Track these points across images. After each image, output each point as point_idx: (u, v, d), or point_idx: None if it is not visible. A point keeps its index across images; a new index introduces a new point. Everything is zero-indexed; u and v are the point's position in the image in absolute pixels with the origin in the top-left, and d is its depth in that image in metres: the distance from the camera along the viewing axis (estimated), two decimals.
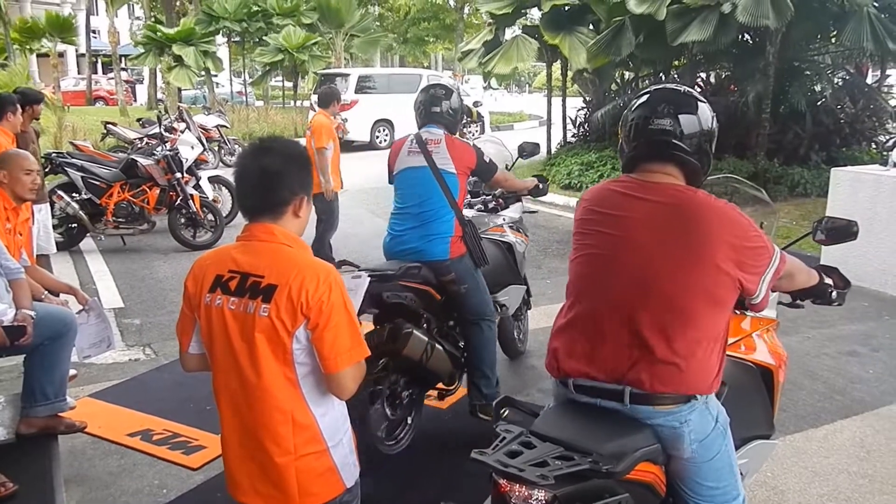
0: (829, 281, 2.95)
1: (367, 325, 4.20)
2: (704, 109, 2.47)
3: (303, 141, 15.86)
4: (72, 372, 4.67)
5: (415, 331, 4.09)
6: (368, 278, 2.66)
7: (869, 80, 14.16)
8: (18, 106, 6.68)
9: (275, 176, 2.30)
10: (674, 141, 2.41)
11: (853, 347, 6.10)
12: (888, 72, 14.81)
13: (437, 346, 4.24)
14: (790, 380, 5.40)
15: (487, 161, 4.61)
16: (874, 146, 12.97)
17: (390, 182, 4.69)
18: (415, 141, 4.49)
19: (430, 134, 4.49)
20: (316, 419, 2.30)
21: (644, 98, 2.52)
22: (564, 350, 2.51)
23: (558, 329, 2.58)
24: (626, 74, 15.82)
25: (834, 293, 2.98)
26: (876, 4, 10.80)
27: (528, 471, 2.12)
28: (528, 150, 5.70)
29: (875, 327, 6.59)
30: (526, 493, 2.14)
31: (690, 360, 2.33)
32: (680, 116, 2.41)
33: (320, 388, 2.30)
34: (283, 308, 2.19)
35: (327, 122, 8.35)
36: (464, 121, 9.23)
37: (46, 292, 4.55)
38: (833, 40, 12.52)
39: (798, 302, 3.24)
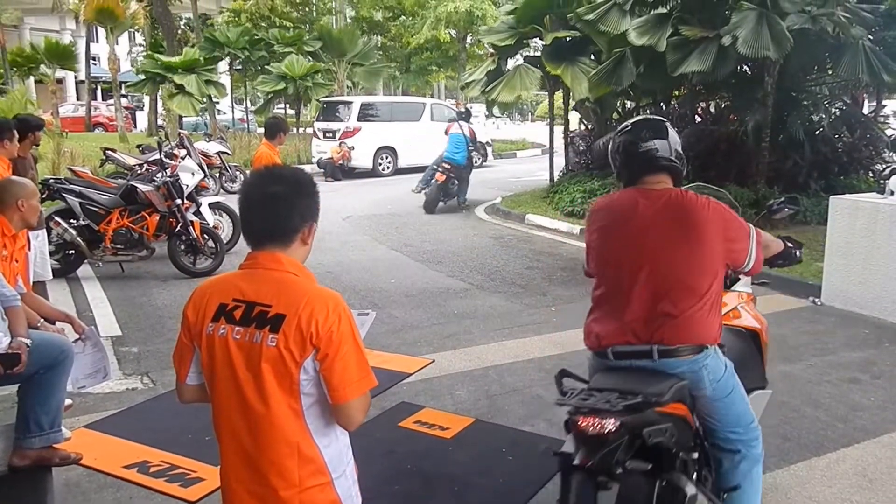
0: (790, 245, 3.77)
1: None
2: (672, 131, 3.24)
3: (308, 168, 15.97)
4: (67, 402, 4.63)
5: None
6: (374, 314, 2.63)
7: (865, 111, 14.24)
8: (15, 132, 6.64)
9: (285, 203, 2.28)
10: (658, 155, 3.15)
11: (854, 375, 6.06)
12: (884, 102, 14.90)
13: None
14: (792, 408, 5.38)
15: None
16: (872, 175, 13.05)
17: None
18: None
19: None
20: (320, 451, 2.26)
21: (628, 129, 3.26)
22: (601, 329, 3.17)
23: (590, 313, 3.29)
24: (628, 103, 15.88)
25: (797, 252, 3.84)
26: (871, 38, 10.91)
27: (600, 405, 2.74)
28: None
29: (876, 354, 6.55)
30: (599, 423, 2.69)
31: (698, 318, 3.03)
32: (656, 140, 3.16)
33: (324, 419, 2.27)
34: (292, 338, 2.16)
35: (268, 152, 8.50)
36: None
37: (42, 320, 4.51)
38: (830, 72, 12.60)
39: (763, 281, 4.44)
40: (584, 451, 2.73)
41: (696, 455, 3.20)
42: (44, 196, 8.98)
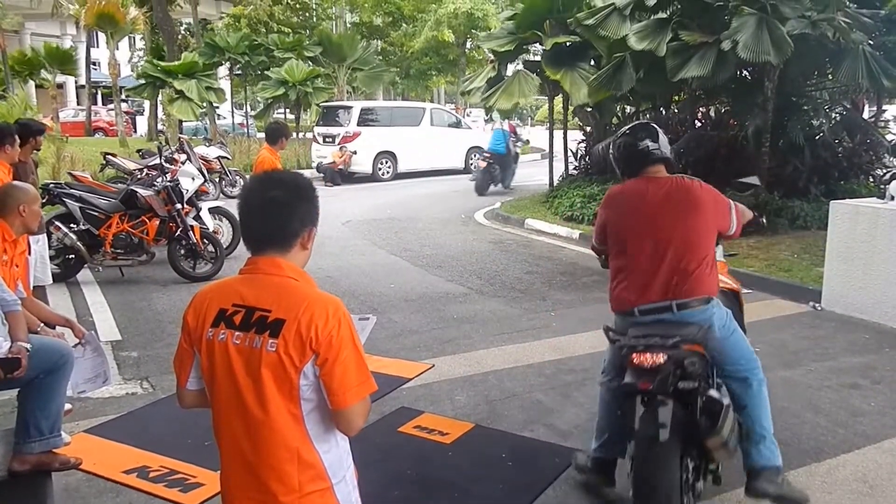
0: (757, 214, 4.58)
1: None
2: (661, 133, 4.03)
3: (307, 173, 16.02)
4: (67, 406, 4.62)
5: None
6: (375, 319, 2.64)
7: (865, 115, 14.24)
8: (17, 137, 6.63)
9: (285, 208, 2.29)
10: (655, 151, 3.94)
11: (855, 380, 6.05)
12: (884, 107, 14.90)
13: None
14: (793, 413, 5.37)
15: None
16: (872, 180, 13.05)
17: None
18: None
19: None
20: (320, 456, 2.26)
21: (627, 133, 4.08)
22: (627, 294, 3.88)
23: (615, 283, 3.98)
24: (627, 108, 15.89)
25: (763, 220, 5.00)
26: (871, 43, 10.90)
27: (652, 343, 3.60)
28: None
29: (876, 359, 6.54)
30: (653, 357, 3.55)
31: (704, 276, 3.80)
32: (650, 140, 3.94)
33: (324, 424, 2.26)
34: (292, 343, 2.15)
35: (269, 157, 8.49)
36: None
37: (42, 325, 4.51)
38: (830, 76, 12.59)
39: (733, 253, 5.43)
40: (644, 379, 3.57)
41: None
42: (44, 201, 8.96)
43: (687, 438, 3.68)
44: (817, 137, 12.51)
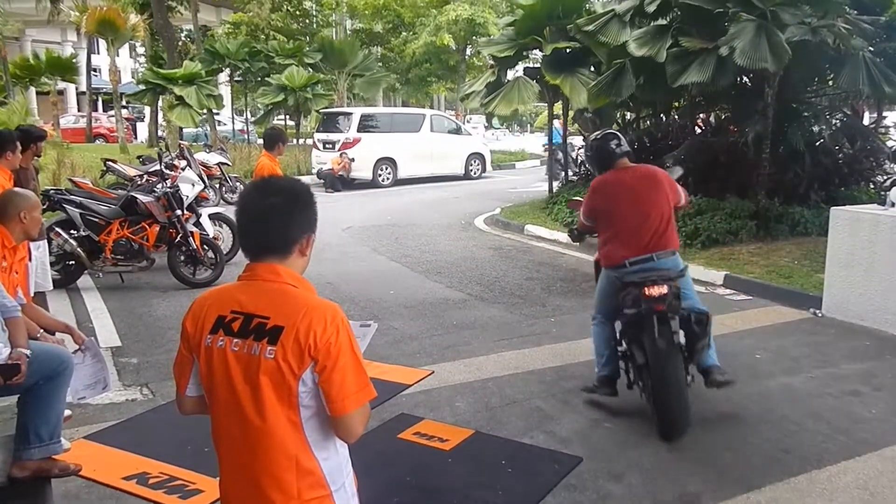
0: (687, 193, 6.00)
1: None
2: (622, 136, 5.69)
3: (307, 179, 16.11)
4: (66, 413, 4.62)
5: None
6: (376, 326, 2.64)
7: (866, 122, 14.24)
8: (18, 144, 6.64)
9: (283, 214, 2.28)
10: (624, 150, 5.54)
11: (855, 387, 6.04)
12: (884, 113, 14.91)
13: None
14: (793, 420, 5.37)
15: None
16: (872, 186, 13.03)
17: None
18: None
19: None
20: (319, 463, 2.25)
21: (598, 137, 5.72)
22: (620, 251, 5.33)
23: (607, 246, 5.46)
24: (627, 114, 15.90)
25: (691, 198, 7.12)
26: (871, 49, 10.90)
27: (658, 277, 5.07)
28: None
29: (877, 366, 6.53)
30: (660, 287, 4.99)
31: (671, 233, 5.36)
32: (614, 142, 5.56)
33: (323, 431, 2.25)
34: (290, 350, 2.14)
35: (269, 163, 8.50)
36: None
37: (42, 331, 4.51)
38: (830, 83, 12.60)
39: None
40: (657, 303, 5.03)
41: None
42: (45, 207, 8.97)
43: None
44: (818, 144, 12.49)
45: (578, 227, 6.09)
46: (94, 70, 42.12)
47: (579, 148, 16.81)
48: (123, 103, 32.03)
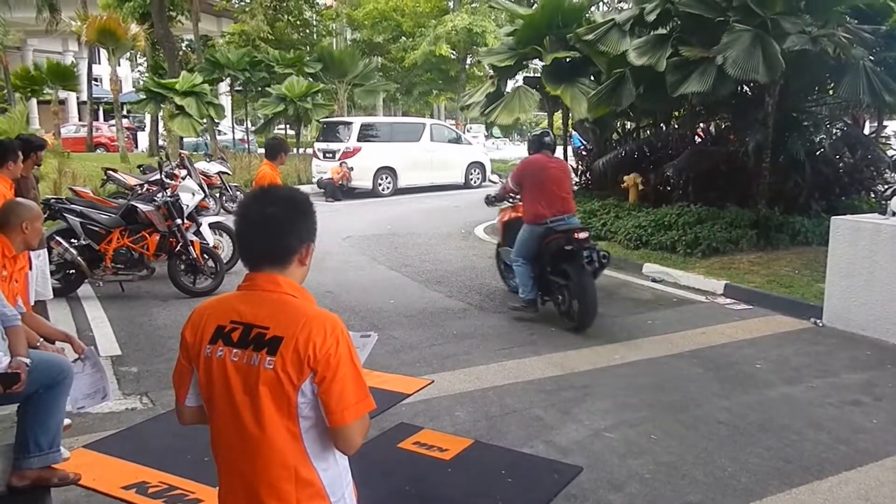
0: None
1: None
2: (551, 134, 8.75)
3: (308, 188, 16.15)
4: (66, 422, 4.61)
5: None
6: (376, 337, 2.64)
7: (866, 131, 14.25)
8: (20, 153, 6.65)
9: (282, 224, 2.27)
10: (550, 144, 8.45)
11: (856, 397, 6.03)
12: (885, 123, 14.90)
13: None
14: (794, 430, 5.36)
15: None
16: (873, 195, 13.03)
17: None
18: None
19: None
20: (318, 474, 2.24)
21: (538, 134, 8.53)
22: (544, 212, 7.88)
23: (534, 208, 7.96)
24: (628, 124, 15.91)
25: None
26: (871, 58, 10.91)
27: (581, 226, 8.27)
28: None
29: (878, 376, 6.52)
30: (584, 233, 7.89)
31: (572, 200, 8.27)
32: (547, 137, 8.43)
33: (322, 442, 2.24)
34: (290, 361, 2.14)
35: (270, 173, 8.50)
36: None
37: (42, 340, 4.51)
38: (830, 92, 12.61)
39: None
40: (584, 243, 7.72)
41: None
42: (45, 216, 8.97)
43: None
44: (818, 153, 12.52)
45: (501, 193, 9.20)
46: (96, 80, 42.22)
47: (581, 150, 16.80)
48: (124, 113, 32.07)
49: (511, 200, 9.09)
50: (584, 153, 18.28)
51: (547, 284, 8.18)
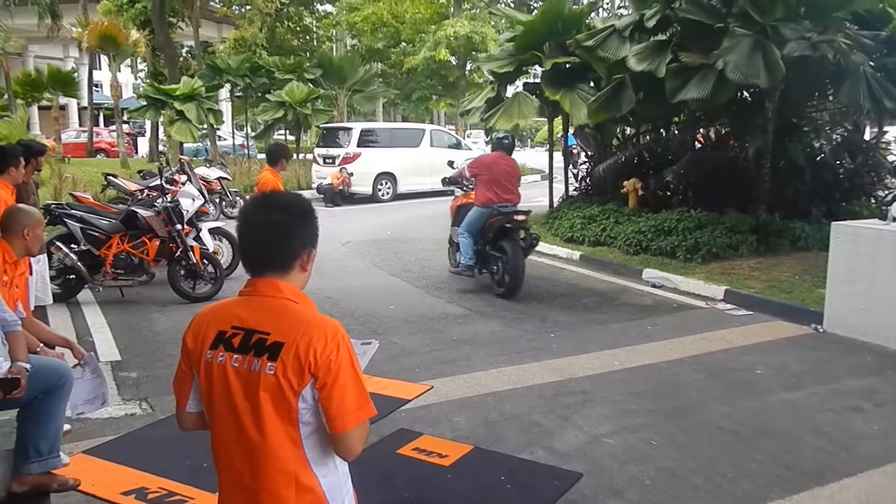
0: None
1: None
2: (513, 138, 11.12)
3: (308, 194, 16.24)
4: (66, 427, 4.60)
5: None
6: (377, 344, 2.64)
7: (867, 136, 14.24)
8: (21, 159, 6.67)
9: (284, 229, 2.27)
10: (508, 146, 10.52)
11: (857, 403, 6.02)
12: (885, 128, 14.88)
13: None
14: (795, 436, 5.35)
15: None
16: (874, 201, 13.00)
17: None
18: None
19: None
20: (318, 480, 2.23)
21: (500, 137, 10.73)
22: (492, 198, 9.81)
23: (487, 194, 9.85)
24: (627, 129, 15.90)
25: None
26: (872, 64, 10.91)
27: (522, 210, 10.00)
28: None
29: (879, 382, 6.51)
30: (522, 216, 9.85)
31: (518, 194, 10.22)
32: (506, 140, 10.60)
33: (322, 448, 2.23)
34: (290, 366, 2.13)
35: (272, 178, 8.51)
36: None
37: (42, 345, 4.51)
38: (831, 98, 12.61)
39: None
40: (521, 222, 9.75)
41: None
42: (46, 221, 8.96)
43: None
44: (818, 158, 12.50)
45: (456, 177, 11.47)
46: (96, 85, 42.21)
47: (581, 163, 16.76)
48: (124, 118, 32.08)
49: (464, 189, 11.17)
50: (573, 151, 19.62)
51: (486, 258, 10.00)
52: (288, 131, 30.81)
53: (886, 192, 13.11)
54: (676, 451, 5.14)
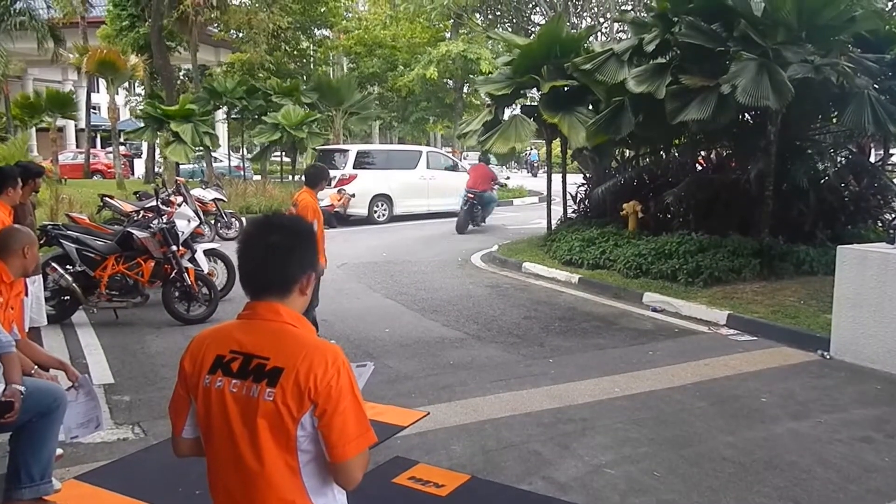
0: None
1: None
2: (491, 156, 20.71)
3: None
4: (58, 451, 4.56)
5: None
6: (373, 367, 2.57)
7: (872, 159, 14.20)
8: (19, 180, 6.66)
9: (284, 253, 2.24)
10: (486, 160, 21.06)
11: (867, 433, 5.89)
12: (891, 151, 14.84)
13: None
14: (802, 468, 5.23)
15: None
16: (880, 224, 12.92)
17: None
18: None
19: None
20: None
21: (483, 152, 19.09)
22: (468, 185, 19.66)
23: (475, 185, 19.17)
24: (627, 152, 15.88)
25: None
26: (876, 87, 10.87)
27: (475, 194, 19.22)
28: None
29: (889, 412, 6.38)
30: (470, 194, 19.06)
31: (487, 183, 19.64)
32: (485, 158, 20.56)
33: (321, 477, 2.18)
34: (290, 392, 2.08)
35: (312, 201, 8.33)
36: None
37: (36, 367, 4.47)
38: (834, 120, 12.56)
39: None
40: (472, 198, 19.33)
41: None
42: (42, 242, 8.90)
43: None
44: (822, 181, 12.40)
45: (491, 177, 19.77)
46: (94, 108, 42.38)
47: (579, 186, 16.70)
48: (121, 140, 32.17)
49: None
50: (535, 165, 24.06)
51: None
52: (284, 153, 30.86)
53: (893, 215, 13.05)
54: (679, 482, 5.02)
